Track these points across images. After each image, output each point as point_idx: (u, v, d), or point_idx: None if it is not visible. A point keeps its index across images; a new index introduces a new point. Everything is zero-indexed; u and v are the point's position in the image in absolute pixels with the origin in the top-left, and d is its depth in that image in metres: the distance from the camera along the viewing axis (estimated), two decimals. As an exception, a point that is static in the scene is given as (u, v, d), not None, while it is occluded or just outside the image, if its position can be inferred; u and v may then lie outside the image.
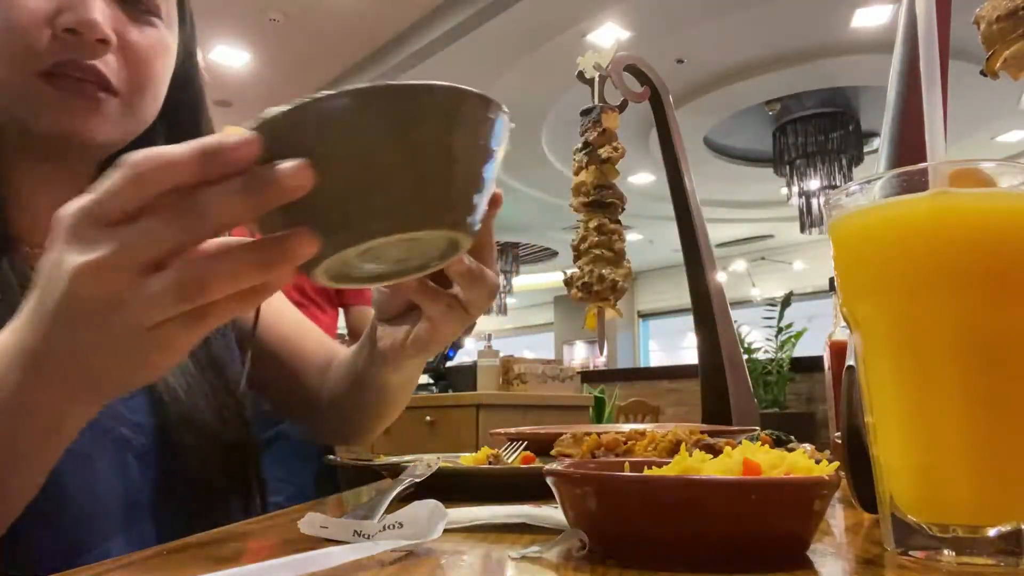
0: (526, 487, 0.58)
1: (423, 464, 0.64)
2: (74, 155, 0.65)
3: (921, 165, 0.38)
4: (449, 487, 0.60)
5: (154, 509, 0.63)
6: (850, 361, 0.47)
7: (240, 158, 0.35)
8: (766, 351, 5.24)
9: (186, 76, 0.72)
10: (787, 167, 6.83)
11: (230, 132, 0.35)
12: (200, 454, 0.67)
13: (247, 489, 0.73)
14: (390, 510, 0.50)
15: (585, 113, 1.04)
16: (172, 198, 0.35)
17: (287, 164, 0.34)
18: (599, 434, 0.69)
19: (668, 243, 9.26)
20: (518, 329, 14.46)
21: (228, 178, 0.35)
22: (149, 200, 0.35)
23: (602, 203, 1.00)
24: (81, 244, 0.36)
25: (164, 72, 0.67)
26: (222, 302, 0.37)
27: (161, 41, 0.65)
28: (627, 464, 0.45)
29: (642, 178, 7.43)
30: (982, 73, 0.53)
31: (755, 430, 0.88)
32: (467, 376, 3.17)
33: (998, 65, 0.51)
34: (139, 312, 0.36)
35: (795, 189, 6.81)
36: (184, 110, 0.73)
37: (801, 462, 0.40)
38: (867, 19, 4.98)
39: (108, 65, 0.61)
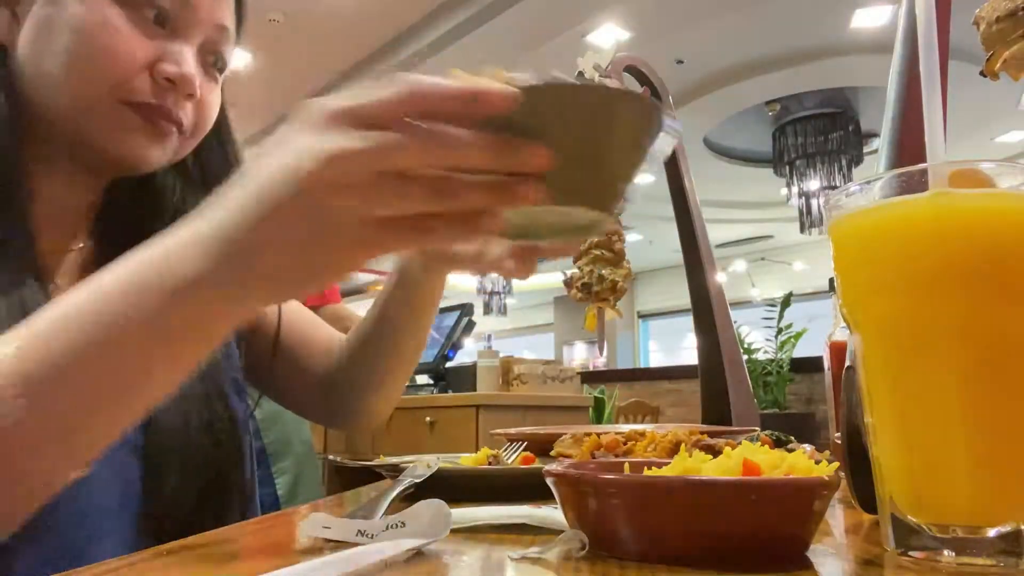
0: (526, 488, 0.58)
1: (423, 464, 0.64)
2: (113, 170, 0.70)
3: (921, 166, 0.38)
4: (449, 487, 0.60)
5: (147, 511, 0.63)
6: (850, 362, 0.47)
7: (498, 107, 0.36)
8: (766, 351, 5.23)
9: (221, 115, 0.77)
10: (787, 167, 6.83)
11: (481, 77, 0.39)
12: (190, 455, 0.67)
13: (241, 490, 0.72)
14: (390, 511, 0.50)
15: (585, 113, 1.04)
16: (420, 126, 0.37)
17: (536, 146, 0.37)
18: (599, 435, 0.69)
19: (668, 243, 9.25)
20: (518, 329, 14.45)
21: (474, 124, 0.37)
22: (401, 117, 0.37)
23: (602, 203, 1.00)
24: (334, 134, 0.37)
25: (215, 117, 0.74)
26: (446, 219, 0.39)
27: (219, 95, 0.73)
28: (627, 465, 0.45)
29: (642, 178, 7.41)
30: (982, 74, 0.53)
31: (755, 431, 0.88)
32: (467, 376, 3.17)
33: (998, 66, 0.51)
34: (380, 202, 0.38)
35: (795, 189, 6.80)
36: (211, 137, 0.78)
37: (801, 462, 0.40)
38: (867, 19, 4.98)
39: (185, 110, 0.68)
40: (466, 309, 3.35)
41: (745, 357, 3.24)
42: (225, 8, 0.70)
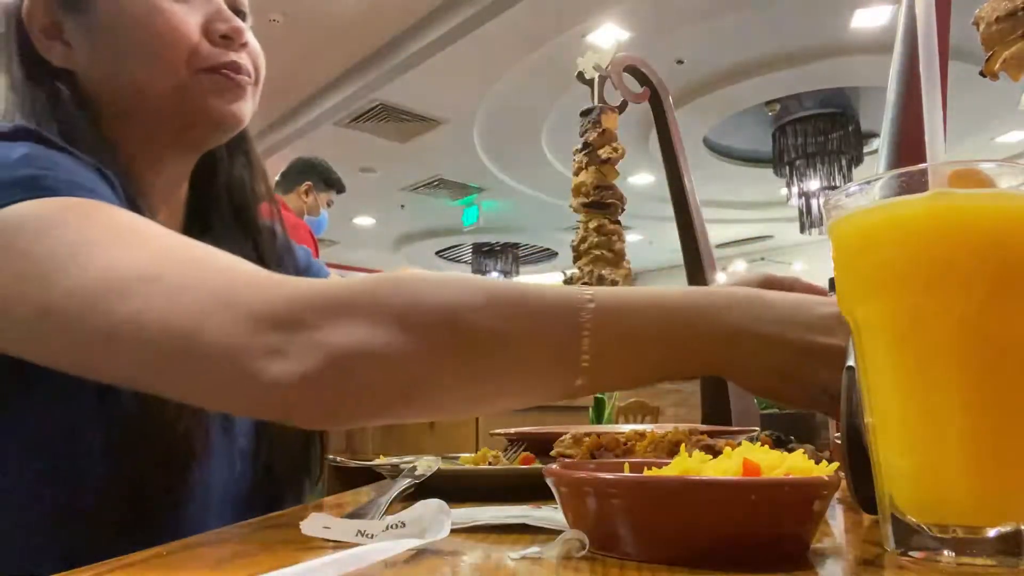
0: (526, 488, 0.58)
1: (423, 464, 0.64)
2: (200, 141, 0.76)
3: (921, 166, 0.38)
4: (449, 488, 0.60)
5: (245, 503, 0.70)
6: (850, 361, 0.47)
7: None
8: (766, 352, 5.23)
9: None
10: (787, 168, 6.83)
11: None
12: (286, 445, 0.74)
13: (313, 470, 0.80)
14: (390, 511, 0.50)
15: (585, 114, 1.04)
16: None
17: None
18: (599, 435, 0.69)
19: (668, 244, 9.25)
20: (518, 329, 14.42)
21: None
22: None
23: (602, 204, 1.01)
24: None
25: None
26: None
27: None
28: (627, 465, 0.45)
29: (642, 178, 7.43)
30: (982, 74, 0.53)
31: (755, 431, 0.88)
32: (467, 376, 3.16)
33: (997, 66, 0.51)
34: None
35: (795, 190, 6.80)
36: None
37: (801, 463, 0.40)
38: (867, 19, 4.98)
39: (244, 60, 0.75)
40: (466, 309, 3.35)
41: (745, 357, 3.23)
42: None
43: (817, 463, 0.40)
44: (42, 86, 0.69)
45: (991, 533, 0.35)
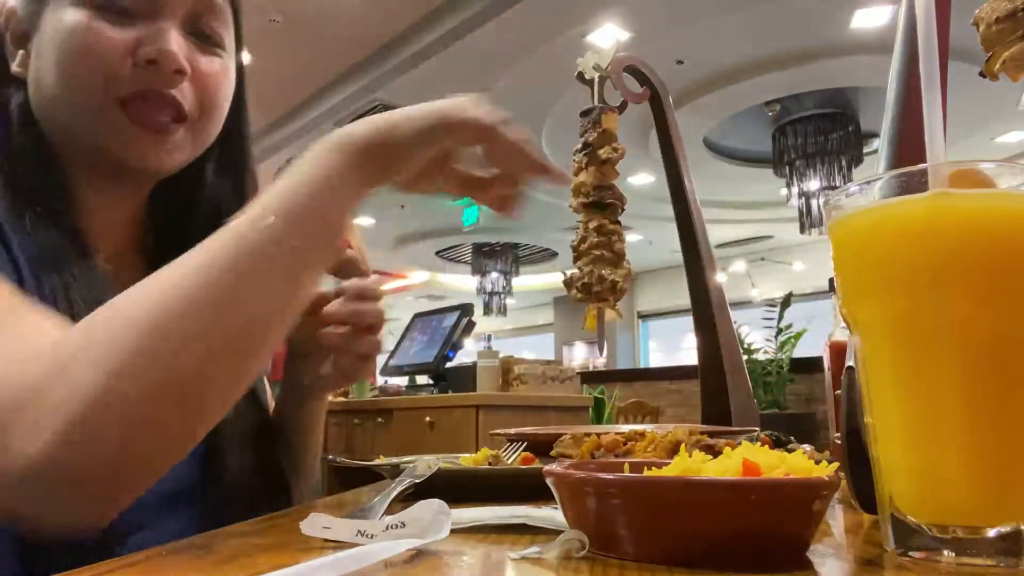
0: (526, 488, 0.58)
1: (423, 464, 0.64)
2: (138, 177, 0.71)
3: (921, 166, 0.38)
4: (449, 487, 0.60)
5: (193, 500, 0.67)
6: (850, 362, 0.47)
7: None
8: (766, 352, 5.24)
9: (238, 101, 0.77)
10: (787, 168, 6.83)
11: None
12: (238, 444, 0.72)
13: (277, 476, 0.78)
14: (390, 511, 0.50)
15: (585, 114, 1.04)
16: None
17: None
18: (599, 435, 0.69)
19: (668, 244, 9.26)
20: (518, 330, 14.45)
21: None
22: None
23: (602, 204, 1.00)
24: (482, 108, 0.55)
25: (227, 97, 0.73)
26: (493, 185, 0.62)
27: (225, 69, 0.71)
28: (627, 465, 0.45)
29: (642, 179, 7.43)
30: (981, 74, 0.53)
31: (755, 431, 0.88)
32: (467, 377, 3.16)
33: (997, 67, 0.51)
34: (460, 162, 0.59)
35: (795, 190, 6.80)
36: (235, 135, 0.78)
37: (801, 463, 0.40)
38: (867, 20, 4.98)
39: (182, 92, 0.67)
40: (466, 309, 3.35)
41: (745, 357, 3.24)
42: None
43: (817, 463, 0.40)
44: None
45: (991, 533, 0.35)
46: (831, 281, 0.49)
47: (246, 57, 0.78)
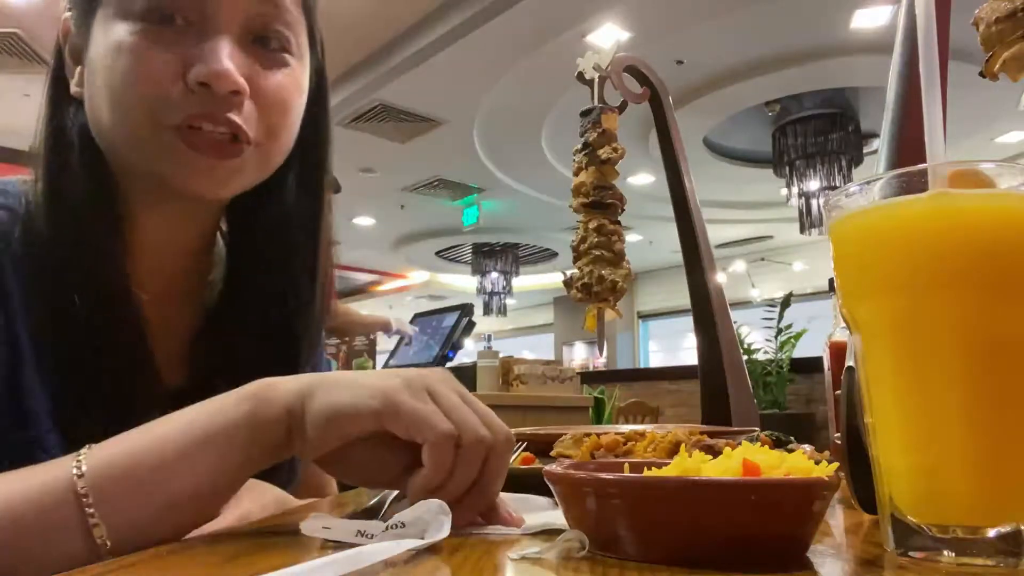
0: (526, 488, 0.58)
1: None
2: (195, 205, 0.66)
3: (920, 166, 0.38)
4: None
5: None
6: (850, 362, 0.47)
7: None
8: (766, 352, 5.24)
9: (316, 109, 0.71)
10: (787, 168, 6.82)
11: None
12: None
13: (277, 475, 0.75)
14: (390, 511, 0.50)
15: (585, 114, 1.04)
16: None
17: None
18: (599, 435, 0.69)
19: (668, 244, 9.26)
20: (518, 330, 14.45)
21: None
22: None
23: (602, 204, 1.01)
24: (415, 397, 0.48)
25: (296, 114, 0.66)
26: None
27: (293, 81, 0.65)
28: (627, 465, 0.45)
29: (642, 179, 7.43)
30: (981, 75, 0.53)
31: (755, 431, 0.88)
32: (467, 377, 3.17)
33: (997, 67, 0.51)
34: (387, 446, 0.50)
35: (795, 190, 6.80)
36: (310, 148, 0.71)
37: (801, 463, 0.40)
38: (867, 20, 4.98)
39: (242, 113, 0.60)
40: (466, 309, 3.36)
41: (745, 357, 3.24)
42: None
43: (817, 463, 0.40)
44: (58, 108, 0.64)
45: (991, 533, 0.35)
46: (831, 281, 0.49)
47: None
